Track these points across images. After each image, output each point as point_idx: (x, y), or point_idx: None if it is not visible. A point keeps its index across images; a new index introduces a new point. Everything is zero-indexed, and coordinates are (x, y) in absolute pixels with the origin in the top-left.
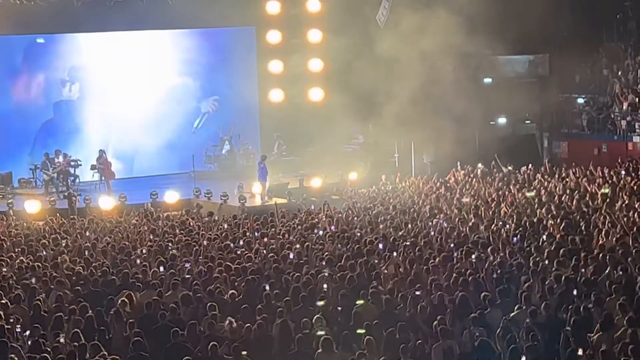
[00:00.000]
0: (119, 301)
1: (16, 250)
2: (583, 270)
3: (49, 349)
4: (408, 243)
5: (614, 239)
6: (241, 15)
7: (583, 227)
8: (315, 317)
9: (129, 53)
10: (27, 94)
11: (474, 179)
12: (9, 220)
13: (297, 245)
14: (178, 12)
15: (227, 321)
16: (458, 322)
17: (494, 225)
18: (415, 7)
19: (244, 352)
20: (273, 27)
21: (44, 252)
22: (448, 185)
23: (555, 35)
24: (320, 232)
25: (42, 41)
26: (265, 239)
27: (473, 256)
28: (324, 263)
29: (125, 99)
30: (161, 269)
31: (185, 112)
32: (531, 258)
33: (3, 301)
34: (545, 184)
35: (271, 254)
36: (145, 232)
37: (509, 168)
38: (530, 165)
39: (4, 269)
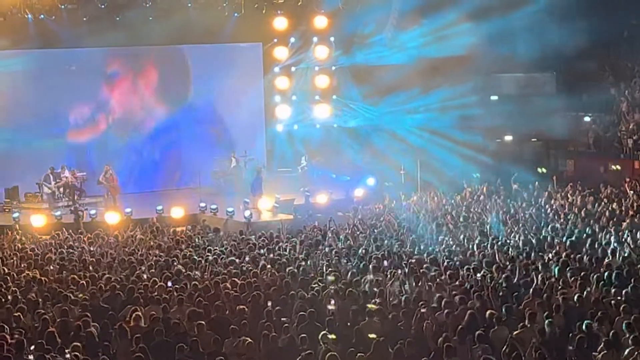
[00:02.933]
0: (124, 316)
1: (22, 264)
2: (589, 289)
3: None
4: (413, 260)
5: (620, 258)
6: (248, 32)
7: (588, 246)
8: (321, 334)
9: (137, 68)
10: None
11: (481, 196)
12: (14, 234)
13: (303, 262)
14: (185, 28)
15: (233, 337)
16: (464, 339)
17: (499, 242)
18: (421, 23)
19: None
20: (280, 44)
21: (50, 267)
22: (454, 202)
23: (562, 53)
24: (326, 249)
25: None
26: (272, 255)
27: (479, 274)
28: (329, 279)
29: (132, 113)
30: (167, 284)
31: (191, 127)
32: (537, 276)
33: (9, 316)
34: (552, 201)
35: (277, 270)
36: (151, 247)
37: (515, 186)
38: (537, 183)
39: (10, 283)
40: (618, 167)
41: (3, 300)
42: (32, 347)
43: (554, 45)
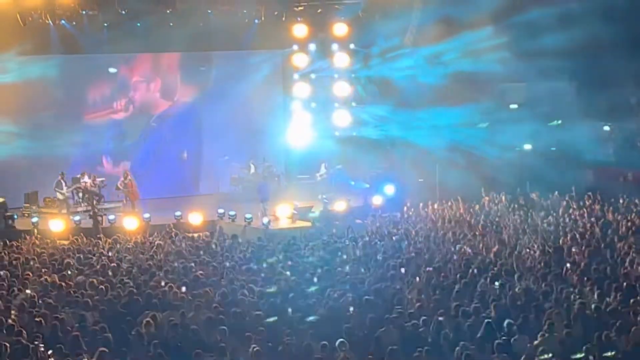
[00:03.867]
0: (142, 322)
1: (41, 269)
2: (608, 299)
3: None
4: (431, 268)
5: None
6: (268, 39)
7: (608, 256)
8: (339, 341)
9: (157, 74)
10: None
11: (499, 205)
12: (33, 239)
13: (319, 269)
14: (205, 35)
15: (249, 343)
16: (482, 348)
17: (517, 251)
18: (441, 30)
19: None
20: (300, 51)
21: (68, 272)
22: (471, 211)
23: (580, 61)
24: (344, 256)
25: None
26: (289, 262)
27: (497, 282)
28: (347, 287)
29: (151, 119)
30: (184, 290)
31: (210, 133)
32: (556, 286)
33: (27, 320)
34: (570, 210)
35: (294, 277)
36: (169, 253)
37: (534, 195)
38: (556, 192)
39: (29, 289)
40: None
41: (23, 304)
42: (50, 352)
43: (574, 53)
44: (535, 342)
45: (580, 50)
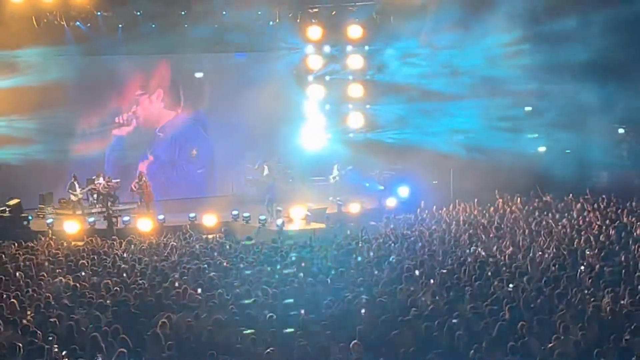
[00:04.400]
0: (156, 323)
1: (56, 270)
2: (622, 301)
3: None
4: (445, 270)
5: None
6: (282, 40)
7: (623, 258)
8: (353, 343)
9: (172, 75)
10: None
11: (513, 207)
12: (48, 240)
13: (333, 271)
14: (220, 36)
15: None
16: (495, 351)
17: (532, 254)
18: (455, 32)
19: None
20: (314, 52)
21: (83, 273)
22: (485, 213)
23: (596, 64)
24: (358, 258)
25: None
26: (303, 264)
27: (511, 285)
28: (361, 289)
29: (166, 121)
30: (199, 291)
31: (225, 134)
32: (570, 288)
33: (42, 321)
34: (585, 213)
35: (309, 279)
36: (184, 254)
37: (548, 197)
38: (570, 194)
39: (43, 289)
40: None
41: (38, 305)
42: (64, 353)
43: (590, 57)
44: (549, 345)
45: (595, 53)
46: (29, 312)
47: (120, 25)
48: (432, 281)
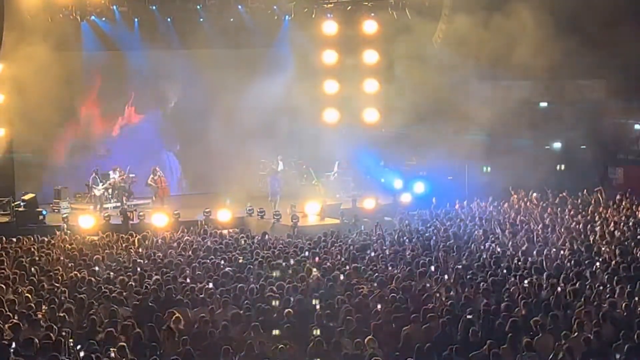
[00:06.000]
0: (171, 318)
1: (70, 264)
2: (637, 297)
3: None
4: (460, 266)
5: None
6: (298, 35)
7: (638, 254)
8: (367, 338)
9: (187, 70)
10: None
11: (529, 203)
12: (63, 234)
13: (348, 266)
14: (236, 31)
15: (278, 341)
16: (511, 347)
17: (547, 250)
18: (470, 28)
19: None
20: (329, 48)
21: (98, 267)
22: (501, 209)
23: (611, 59)
24: (372, 254)
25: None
26: (317, 259)
27: (525, 281)
28: (375, 284)
29: (182, 116)
30: (212, 286)
31: (240, 130)
32: (585, 284)
33: (56, 315)
34: (600, 209)
35: (323, 274)
36: (198, 250)
37: (563, 193)
38: (585, 190)
39: (58, 283)
40: None
41: (53, 299)
42: (79, 347)
43: (604, 52)
44: (564, 341)
45: (612, 48)
46: (44, 307)
47: (136, 20)
48: (446, 277)
